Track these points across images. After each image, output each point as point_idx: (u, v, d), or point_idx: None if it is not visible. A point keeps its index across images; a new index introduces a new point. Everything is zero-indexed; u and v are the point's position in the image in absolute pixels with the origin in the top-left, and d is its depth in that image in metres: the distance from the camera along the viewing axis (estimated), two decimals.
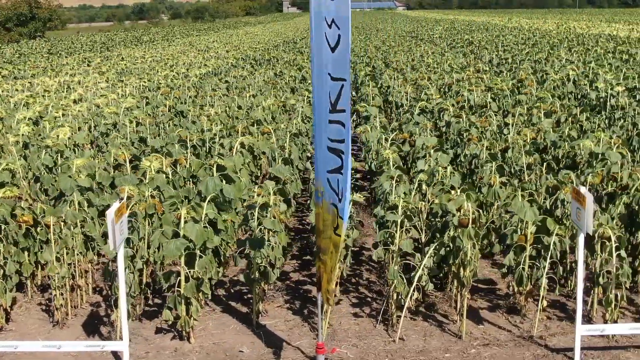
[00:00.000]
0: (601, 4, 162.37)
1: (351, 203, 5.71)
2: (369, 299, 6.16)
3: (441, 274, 6.05)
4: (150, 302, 6.19)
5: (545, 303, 5.46)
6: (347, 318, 5.84)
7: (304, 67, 16.77)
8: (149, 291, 6.23)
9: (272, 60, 21.27)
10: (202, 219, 5.55)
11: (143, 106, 11.54)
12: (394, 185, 5.95)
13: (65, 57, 26.76)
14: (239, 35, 44.24)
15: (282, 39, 37.80)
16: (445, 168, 6.71)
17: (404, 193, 5.92)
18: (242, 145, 7.61)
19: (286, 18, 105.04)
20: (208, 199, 5.64)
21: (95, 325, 5.80)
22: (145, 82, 13.88)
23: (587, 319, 5.60)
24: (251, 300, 5.87)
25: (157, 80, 14.28)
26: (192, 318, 5.40)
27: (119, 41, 38.99)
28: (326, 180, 4.49)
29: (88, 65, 20.39)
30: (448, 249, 5.44)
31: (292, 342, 5.42)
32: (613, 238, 5.22)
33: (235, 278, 6.68)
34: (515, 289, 5.64)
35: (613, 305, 5.26)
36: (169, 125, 10.48)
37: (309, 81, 14.49)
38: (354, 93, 14.42)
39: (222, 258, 6.29)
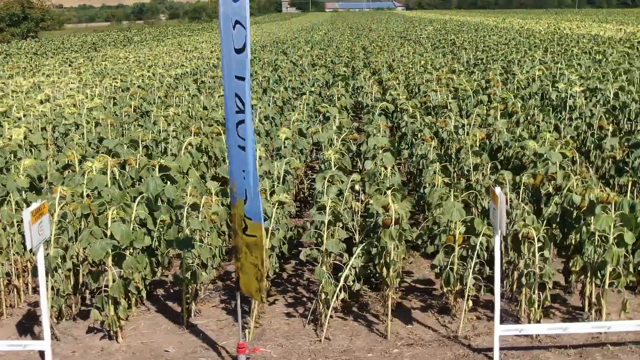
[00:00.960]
0: (600, 4, 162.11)
1: (277, 203, 5.73)
2: (304, 299, 6.18)
3: (376, 274, 6.08)
4: (88, 301, 6.20)
5: (471, 303, 5.48)
6: (279, 318, 5.86)
7: (280, 68, 16.79)
8: (87, 291, 6.24)
9: (255, 60, 21.28)
10: (132, 219, 5.58)
11: (110, 107, 11.56)
12: (326, 186, 5.97)
13: (51, 57, 26.79)
14: None
15: (273, 39, 37.81)
16: (386, 168, 6.74)
17: (337, 194, 5.94)
18: (191, 145, 7.62)
19: (284, 18, 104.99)
20: (138, 199, 5.67)
21: (29, 325, 5.83)
22: (117, 82, 13.90)
23: (516, 319, 5.62)
24: (187, 300, 5.90)
25: (130, 81, 14.30)
26: (119, 318, 5.42)
27: (109, 41, 39.02)
28: (240, 181, 4.52)
29: (69, 66, 20.42)
30: (377, 249, 5.46)
31: (219, 342, 5.44)
32: (536, 238, 5.24)
33: None
34: (445, 289, 5.66)
35: (536, 305, 5.28)
36: (134, 126, 10.51)
37: (285, 81, 14.50)
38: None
39: (159, 258, 6.33)
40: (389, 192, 5.61)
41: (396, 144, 8.23)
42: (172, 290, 6.51)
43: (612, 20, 50.87)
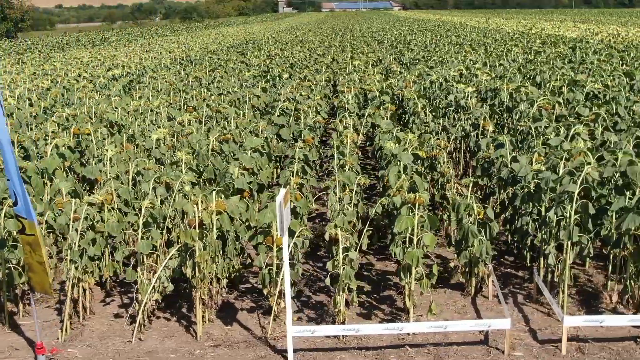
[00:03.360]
0: (597, 5, 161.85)
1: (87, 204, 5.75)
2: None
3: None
4: None
5: (283, 304, 5.49)
6: (106, 318, 5.88)
7: (219, 67, 16.80)
8: None
9: (208, 61, 21.33)
10: None
11: (25, 107, 11.59)
12: (151, 188, 5.99)
13: (14, 58, 26.85)
14: (210, 35, 44.28)
15: (248, 39, 37.83)
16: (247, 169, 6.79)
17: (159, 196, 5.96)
18: (57, 147, 7.63)
19: (276, 18, 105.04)
20: None
21: None
22: (45, 83, 13.93)
23: (332, 320, 5.63)
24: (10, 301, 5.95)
25: (60, 82, 14.34)
26: None
27: (84, 41, 39.11)
28: (9, 185, 4.57)
29: (21, 66, 20.47)
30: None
31: (34, 342, 5.46)
32: (341, 239, 5.26)
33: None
34: (264, 290, 5.67)
35: (341, 306, 5.29)
36: (43, 126, 10.53)
37: (218, 83, 14.51)
38: None
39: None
40: (213, 193, 5.65)
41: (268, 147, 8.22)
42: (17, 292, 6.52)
43: (592, 21, 50.84)
